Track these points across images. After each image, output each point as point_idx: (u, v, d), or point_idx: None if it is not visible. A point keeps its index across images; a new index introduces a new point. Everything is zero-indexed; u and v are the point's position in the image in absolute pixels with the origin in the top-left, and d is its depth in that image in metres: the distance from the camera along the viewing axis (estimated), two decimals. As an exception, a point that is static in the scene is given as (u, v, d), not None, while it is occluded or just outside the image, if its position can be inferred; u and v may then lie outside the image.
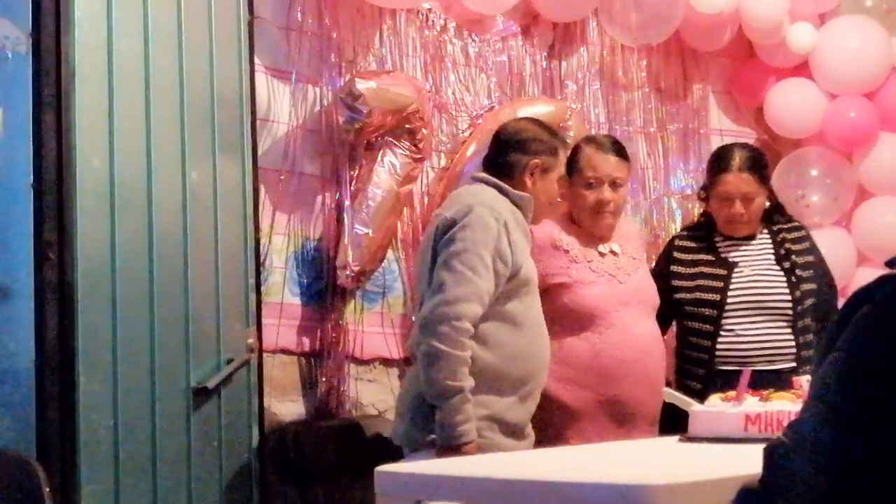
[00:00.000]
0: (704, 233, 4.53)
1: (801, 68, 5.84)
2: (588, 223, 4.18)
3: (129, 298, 3.81)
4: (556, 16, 5.26)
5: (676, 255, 4.53)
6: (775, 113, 5.87)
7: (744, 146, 4.61)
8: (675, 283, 4.45)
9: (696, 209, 4.82)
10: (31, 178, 3.73)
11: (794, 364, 4.27)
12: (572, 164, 4.12)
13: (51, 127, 3.76)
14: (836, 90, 5.82)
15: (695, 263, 4.49)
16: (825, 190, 5.79)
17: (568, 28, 5.37)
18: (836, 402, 1.67)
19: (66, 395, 3.70)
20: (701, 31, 5.60)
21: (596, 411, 4.09)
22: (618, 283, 4.20)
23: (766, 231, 4.53)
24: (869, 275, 4.73)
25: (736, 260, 4.45)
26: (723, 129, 5.96)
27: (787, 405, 3.33)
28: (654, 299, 4.29)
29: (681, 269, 4.49)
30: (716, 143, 5.69)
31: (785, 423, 3.09)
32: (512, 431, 3.71)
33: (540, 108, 4.94)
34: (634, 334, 4.14)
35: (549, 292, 4.06)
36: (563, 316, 4.06)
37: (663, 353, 4.26)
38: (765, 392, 3.49)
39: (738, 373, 3.67)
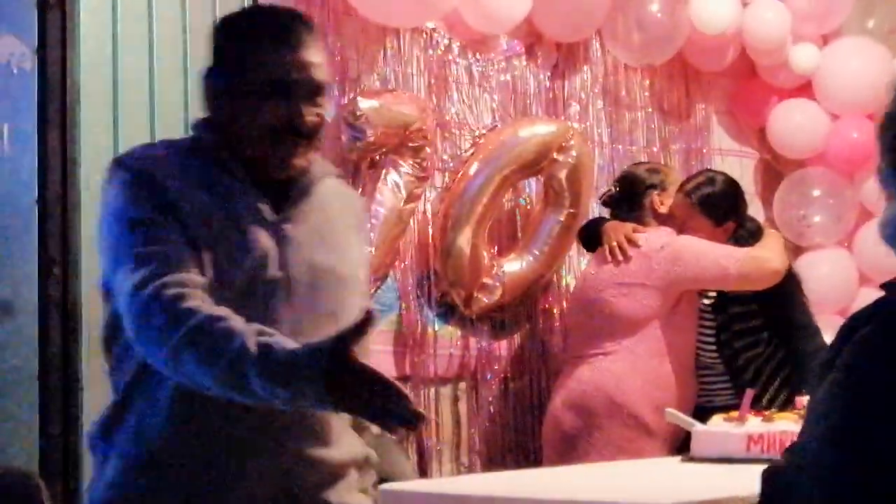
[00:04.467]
0: None
1: (804, 89, 5.85)
2: None
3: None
4: (559, 36, 5.27)
5: None
6: (777, 133, 5.88)
7: (714, 178, 4.59)
8: None
9: None
10: (36, 193, 3.73)
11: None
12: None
13: (56, 143, 3.77)
14: (838, 111, 5.83)
15: None
16: (827, 210, 5.80)
17: (571, 48, 5.38)
18: (837, 423, 1.66)
19: (68, 411, 3.70)
20: (704, 51, 5.61)
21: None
22: None
23: None
24: (871, 295, 4.74)
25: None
26: (725, 149, 5.96)
27: (790, 425, 3.33)
28: None
29: None
30: (717, 163, 5.70)
31: (788, 444, 3.11)
32: None
33: (543, 128, 4.96)
34: None
35: None
36: None
37: None
38: (767, 412, 3.51)
39: None
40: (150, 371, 2.27)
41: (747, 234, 4.44)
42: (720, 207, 4.44)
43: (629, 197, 4.56)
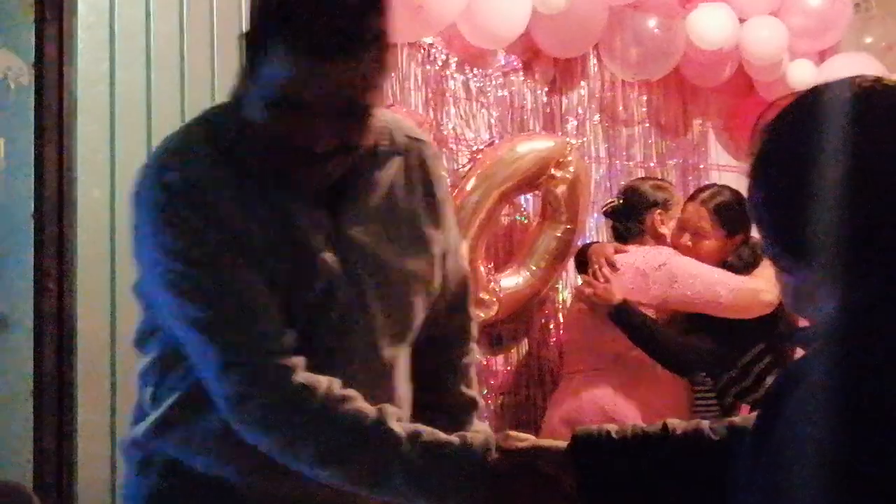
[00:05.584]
0: None
1: (801, 105, 5.85)
2: None
3: (128, 329, 3.77)
4: (557, 51, 5.27)
5: None
6: (774, 149, 5.88)
7: (723, 191, 4.58)
8: None
9: None
10: (32, 208, 3.73)
11: None
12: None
13: (52, 157, 3.76)
14: (835, 127, 5.83)
15: None
16: (824, 226, 5.80)
17: (569, 63, 5.38)
18: None
19: (63, 425, 3.69)
20: (701, 66, 5.61)
21: None
22: None
23: None
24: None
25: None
26: (722, 164, 5.96)
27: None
28: None
29: None
30: (714, 178, 5.70)
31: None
32: None
33: (540, 144, 4.95)
34: None
35: None
36: None
37: None
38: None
39: None
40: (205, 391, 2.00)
41: (751, 253, 4.42)
42: (735, 218, 4.43)
43: (632, 211, 4.55)
